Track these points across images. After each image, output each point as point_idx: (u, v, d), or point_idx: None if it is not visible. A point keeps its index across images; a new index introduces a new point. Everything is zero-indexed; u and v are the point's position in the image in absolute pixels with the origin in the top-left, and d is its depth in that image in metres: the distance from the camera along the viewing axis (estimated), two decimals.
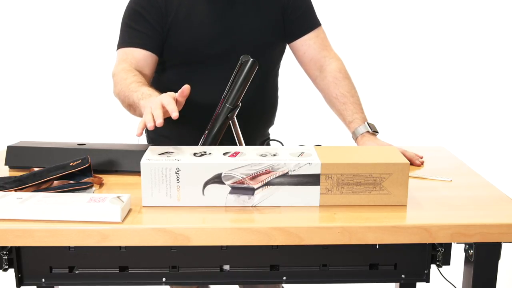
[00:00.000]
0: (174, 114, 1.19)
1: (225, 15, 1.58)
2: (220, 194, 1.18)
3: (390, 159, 1.20)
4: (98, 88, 3.57)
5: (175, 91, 1.62)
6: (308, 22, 1.66)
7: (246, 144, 1.47)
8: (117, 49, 1.59)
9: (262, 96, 1.67)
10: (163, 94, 1.26)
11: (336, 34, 1.73)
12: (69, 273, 1.18)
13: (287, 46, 1.71)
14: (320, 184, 1.18)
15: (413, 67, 3.88)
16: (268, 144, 1.71)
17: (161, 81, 1.66)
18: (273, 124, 1.79)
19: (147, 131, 1.75)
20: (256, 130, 1.71)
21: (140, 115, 1.39)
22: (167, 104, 1.21)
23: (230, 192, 1.18)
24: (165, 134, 1.67)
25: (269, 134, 1.80)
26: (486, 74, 3.90)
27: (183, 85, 1.61)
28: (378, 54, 3.84)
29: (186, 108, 1.59)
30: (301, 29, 1.66)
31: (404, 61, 3.86)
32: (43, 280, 1.19)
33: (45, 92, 3.80)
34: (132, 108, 1.44)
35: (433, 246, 1.19)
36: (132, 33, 1.56)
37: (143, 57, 1.54)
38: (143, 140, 1.74)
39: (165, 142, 1.57)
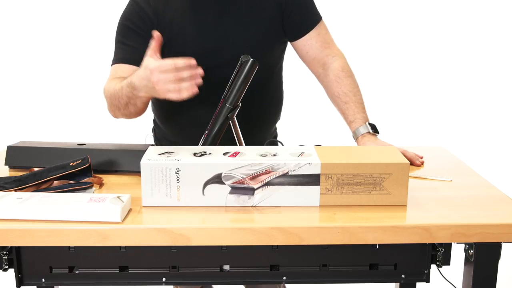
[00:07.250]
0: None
1: (220, 23, 1.56)
2: (220, 194, 1.18)
3: (390, 159, 1.20)
4: (98, 88, 3.57)
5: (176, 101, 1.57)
6: (308, 21, 1.65)
7: (252, 142, 1.47)
8: (111, 65, 1.58)
9: (265, 95, 1.67)
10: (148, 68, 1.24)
11: (336, 34, 1.72)
12: (69, 273, 1.18)
13: (289, 44, 1.70)
14: (320, 184, 1.18)
15: (413, 67, 3.88)
16: (272, 144, 1.71)
17: None
18: (279, 119, 1.77)
19: (155, 131, 1.75)
20: (263, 128, 1.70)
21: (141, 101, 1.38)
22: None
23: (230, 192, 1.18)
24: (171, 141, 1.67)
25: (276, 129, 1.79)
26: (486, 74, 3.90)
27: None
28: (378, 54, 3.84)
29: (188, 117, 1.59)
30: (302, 29, 1.65)
31: (404, 61, 3.86)
32: (43, 280, 1.19)
33: (45, 92, 3.80)
34: (131, 99, 1.38)
35: (433, 246, 1.19)
36: (122, 48, 1.55)
37: (131, 72, 1.47)
38: (150, 140, 1.75)
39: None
